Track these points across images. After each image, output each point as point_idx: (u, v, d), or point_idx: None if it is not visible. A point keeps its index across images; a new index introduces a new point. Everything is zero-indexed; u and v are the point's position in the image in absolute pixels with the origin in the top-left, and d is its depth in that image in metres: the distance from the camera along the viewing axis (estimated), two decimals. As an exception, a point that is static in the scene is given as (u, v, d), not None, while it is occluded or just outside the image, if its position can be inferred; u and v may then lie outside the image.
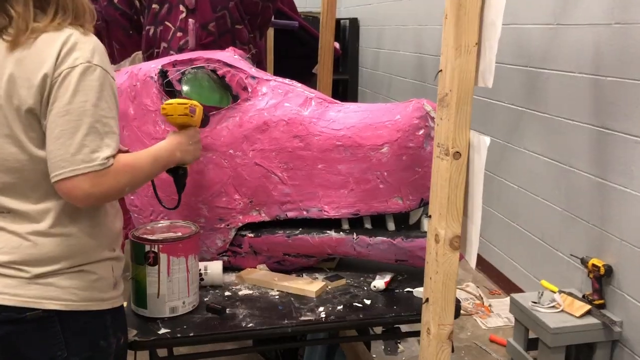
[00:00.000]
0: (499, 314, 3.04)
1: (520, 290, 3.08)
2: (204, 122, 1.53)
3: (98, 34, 2.74)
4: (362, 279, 1.71)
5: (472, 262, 1.27)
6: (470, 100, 1.21)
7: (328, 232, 1.66)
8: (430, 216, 1.31)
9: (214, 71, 1.72)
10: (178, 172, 1.49)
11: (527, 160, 2.94)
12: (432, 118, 1.58)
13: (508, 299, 3.23)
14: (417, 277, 1.71)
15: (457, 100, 1.20)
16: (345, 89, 6.00)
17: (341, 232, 1.65)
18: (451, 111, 1.21)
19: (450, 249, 1.27)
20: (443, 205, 1.25)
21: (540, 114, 2.82)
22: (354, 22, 5.90)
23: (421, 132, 1.56)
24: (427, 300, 1.34)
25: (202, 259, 1.67)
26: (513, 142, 3.08)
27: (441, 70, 1.25)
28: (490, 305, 3.12)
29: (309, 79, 3.34)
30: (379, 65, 5.39)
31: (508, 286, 3.21)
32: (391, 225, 1.65)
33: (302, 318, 1.48)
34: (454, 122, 1.21)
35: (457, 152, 1.23)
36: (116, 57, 2.49)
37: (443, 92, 1.24)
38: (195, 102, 1.48)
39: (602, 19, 2.38)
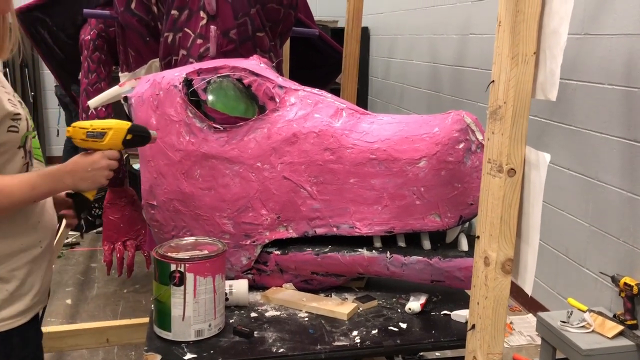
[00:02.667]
0: (521, 332, 2.94)
1: (543, 307, 2.98)
2: (132, 143, 1.39)
3: (113, 40, 2.67)
4: (394, 299, 1.62)
5: (529, 288, 1.18)
6: (527, 114, 1.12)
7: (360, 250, 1.57)
8: (478, 237, 1.22)
9: (239, 80, 1.64)
10: (75, 199, 1.37)
11: (552, 174, 2.85)
12: (473, 131, 1.49)
13: (529, 316, 3.14)
14: (453, 299, 1.63)
15: (512, 113, 1.12)
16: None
17: (374, 251, 1.57)
18: (506, 125, 1.13)
19: (502, 272, 1.17)
20: (495, 226, 1.17)
21: (567, 126, 2.74)
22: (364, 31, 5.84)
23: (461, 145, 1.48)
24: (473, 326, 1.25)
25: (227, 278, 1.58)
26: (536, 154, 2.99)
27: (493, 81, 1.17)
28: (511, 323, 3.02)
29: (322, 88, 3.27)
30: (390, 75, 5.32)
31: (529, 303, 3.11)
32: (427, 244, 1.56)
33: (336, 343, 1.39)
34: (509, 137, 1.13)
35: (512, 168, 1.14)
36: (131, 64, 2.41)
37: (496, 104, 1.15)
38: (107, 125, 1.35)
39: (635, 28, 2.31)
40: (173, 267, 1.34)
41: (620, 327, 2.27)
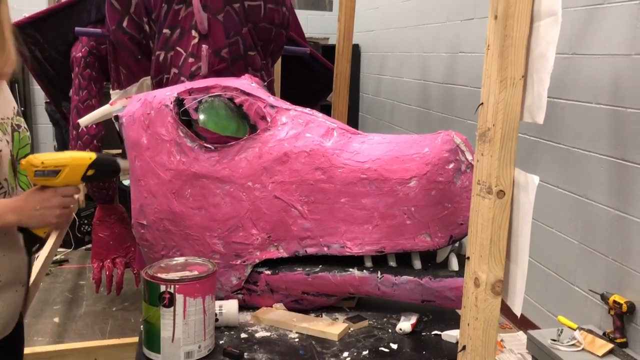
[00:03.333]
0: (511, 350, 2.94)
1: (533, 325, 2.98)
2: (96, 178, 1.35)
3: (104, 57, 2.67)
4: (385, 319, 1.62)
5: (517, 309, 1.18)
6: (515, 136, 1.13)
7: (351, 270, 1.57)
8: (468, 257, 1.23)
9: (231, 99, 1.65)
10: (24, 234, 1.32)
11: (541, 191, 2.88)
12: (462, 151, 1.50)
13: (520, 333, 3.14)
14: (443, 318, 1.63)
15: (501, 135, 1.13)
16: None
17: (364, 271, 1.57)
18: (494, 147, 1.14)
19: (492, 294, 1.18)
20: (484, 247, 1.17)
21: (556, 144, 2.77)
22: (355, 48, 5.88)
23: (451, 165, 1.49)
24: (464, 347, 1.25)
25: (216, 298, 1.57)
26: (526, 172, 3.01)
27: (482, 103, 1.18)
28: (502, 341, 3.02)
29: (313, 106, 3.28)
30: (380, 92, 5.36)
31: (520, 320, 3.11)
32: (417, 264, 1.57)
33: (327, 364, 1.38)
34: (498, 159, 1.14)
35: (501, 190, 1.15)
36: (123, 82, 2.41)
37: (485, 126, 1.16)
38: (63, 162, 1.30)
39: (621, 49, 2.34)
40: (163, 288, 1.34)
41: (610, 346, 2.27)
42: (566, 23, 2.62)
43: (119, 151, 3.29)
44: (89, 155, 1.35)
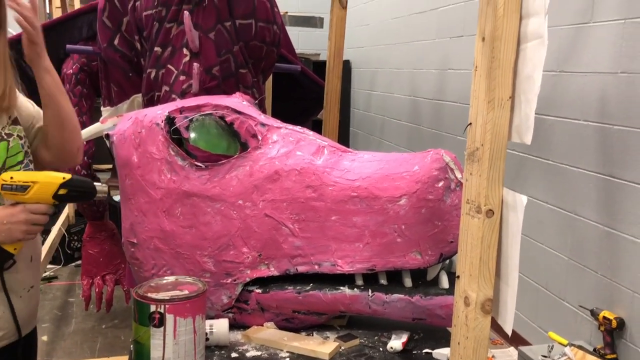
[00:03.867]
0: (503, 366, 2.94)
1: (524, 341, 2.99)
2: (68, 199, 1.35)
3: (95, 74, 2.68)
4: (376, 338, 1.61)
5: (508, 327, 1.19)
6: (503, 156, 1.15)
7: (341, 288, 1.57)
8: (458, 276, 1.23)
9: (222, 118, 1.65)
10: None
11: (531, 207, 2.90)
12: (452, 169, 1.52)
13: (511, 349, 3.14)
14: (434, 336, 1.63)
15: (489, 155, 1.14)
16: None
17: (355, 289, 1.57)
18: (483, 167, 1.15)
19: (482, 313, 1.18)
20: (474, 266, 1.18)
21: (544, 160, 2.79)
22: (346, 64, 5.92)
23: (441, 184, 1.50)
24: (454, 366, 1.25)
25: (207, 317, 1.57)
26: (516, 188, 3.02)
27: (470, 124, 1.19)
28: (493, 356, 3.02)
29: (304, 123, 3.30)
30: (371, 107, 5.39)
31: (511, 336, 3.11)
32: (408, 282, 1.57)
33: (318, 384, 1.38)
34: (487, 179, 1.15)
35: (490, 210, 1.16)
36: (114, 99, 2.42)
37: (473, 146, 1.18)
38: (33, 178, 1.32)
39: (607, 67, 2.38)
40: (153, 308, 1.33)
41: (601, 362, 2.28)
42: (554, 41, 2.66)
43: (110, 166, 3.28)
44: (63, 175, 1.36)
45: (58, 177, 1.34)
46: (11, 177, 1.31)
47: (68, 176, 1.36)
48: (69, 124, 1.48)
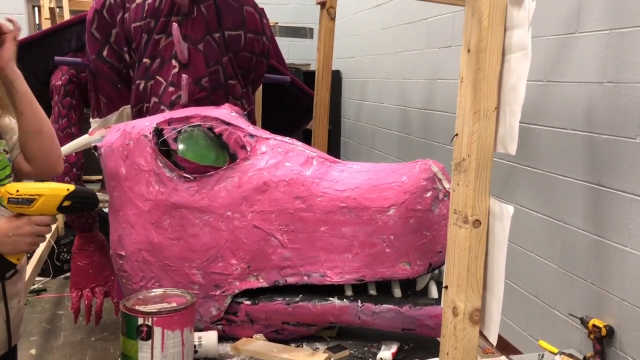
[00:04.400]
0: (494, 375, 2.94)
1: (514, 349, 2.99)
2: (72, 209, 1.35)
3: (84, 85, 2.67)
4: (366, 348, 1.61)
5: (493, 338, 1.19)
6: (489, 167, 1.15)
7: (331, 299, 1.57)
8: (446, 287, 1.24)
9: (210, 129, 1.65)
10: None
11: (520, 216, 2.91)
12: (440, 180, 1.52)
13: (502, 358, 3.14)
14: (424, 346, 1.63)
15: (476, 166, 1.15)
16: (328, 139, 5.98)
17: (345, 300, 1.57)
18: (470, 177, 1.16)
19: (470, 323, 1.18)
20: (462, 276, 1.18)
21: (533, 169, 2.81)
22: (336, 74, 5.95)
23: (429, 194, 1.50)
24: (443, 377, 1.25)
25: (196, 329, 1.56)
26: (504, 197, 3.06)
27: (457, 135, 1.20)
28: (485, 366, 3.02)
29: (295, 133, 3.30)
30: (361, 117, 5.41)
31: (502, 345, 3.12)
32: (397, 292, 1.57)
33: (307, 396, 1.37)
34: (473, 189, 1.15)
35: (477, 220, 1.16)
36: (103, 110, 2.41)
37: (460, 157, 1.19)
38: (39, 191, 1.31)
39: (594, 77, 2.41)
40: (140, 320, 1.32)
41: (591, 370, 2.29)
42: (541, 51, 2.69)
43: (100, 177, 3.26)
44: (67, 187, 1.35)
45: (62, 189, 1.34)
46: (17, 190, 1.30)
47: (72, 187, 1.35)
48: (46, 130, 1.44)
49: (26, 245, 1.31)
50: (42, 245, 3.62)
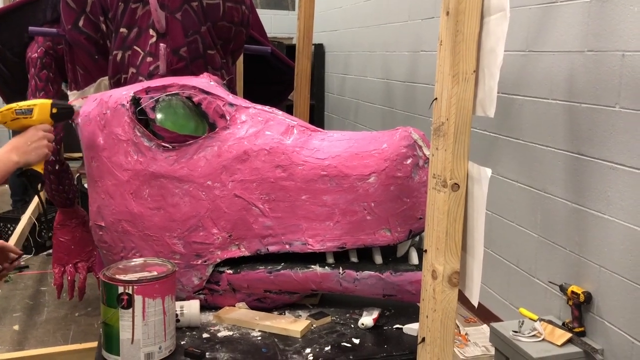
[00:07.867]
0: (476, 343, 2.99)
1: (496, 318, 3.04)
2: (59, 117, 1.57)
3: (61, 57, 2.62)
4: (347, 315, 1.63)
5: (475, 299, 1.20)
6: (468, 130, 1.16)
7: (312, 266, 1.57)
8: (425, 250, 1.24)
9: (189, 98, 1.63)
10: (27, 175, 1.52)
11: (501, 186, 2.94)
12: (420, 147, 1.52)
13: (484, 327, 3.19)
14: (405, 312, 1.64)
15: (455, 129, 1.15)
16: (311, 114, 5.96)
17: (326, 267, 1.57)
18: (448, 141, 1.16)
19: (449, 285, 1.20)
20: (441, 240, 1.19)
21: (515, 140, 2.82)
22: (319, 47, 5.90)
23: (409, 161, 1.50)
24: (423, 339, 1.27)
25: (178, 298, 1.56)
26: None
27: (436, 99, 1.20)
28: (467, 334, 3.07)
29: (277, 105, 3.27)
30: (345, 91, 5.38)
31: (484, 314, 3.17)
32: (378, 259, 1.58)
33: (289, 361, 1.38)
34: (452, 153, 1.16)
35: (456, 183, 1.17)
36: (80, 82, 2.37)
37: (439, 121, 1.18)
38: (32, 102, 1.52)
39: (575, 46, 2.41)
40: (121, 289, 1.32)
41: (569, 335, 2.33)
42: (522, 20, 2.68)
43: (80, 154, 3.22)
44: (48, 98, 1.61)
45: (47, 100, 1.56)
46: (17, 104, 1.51)
47: (50, 99, 1.58)
48: None
49: (45, 148, 1.49)
50: (24, 222, 3.58)
